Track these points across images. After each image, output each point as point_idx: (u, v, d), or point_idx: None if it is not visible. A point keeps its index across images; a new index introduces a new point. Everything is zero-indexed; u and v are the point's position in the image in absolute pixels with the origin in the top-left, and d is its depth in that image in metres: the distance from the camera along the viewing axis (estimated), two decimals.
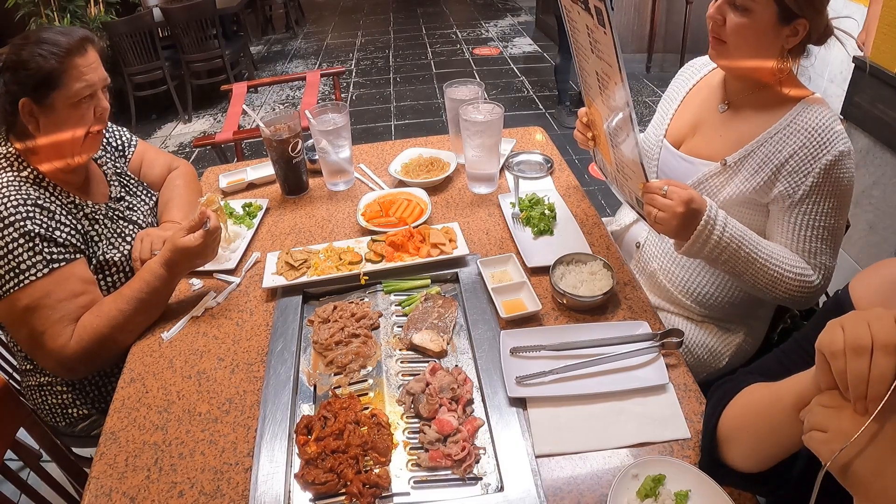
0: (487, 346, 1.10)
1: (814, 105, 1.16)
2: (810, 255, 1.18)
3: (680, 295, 1.37)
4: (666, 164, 1.39)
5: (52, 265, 1.18)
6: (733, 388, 0.83)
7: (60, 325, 1.16)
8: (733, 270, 1.14)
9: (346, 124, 1.56)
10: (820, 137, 1.12)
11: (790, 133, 1.16)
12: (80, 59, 1.19)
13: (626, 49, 5.65)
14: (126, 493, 0.92)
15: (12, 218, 1.15)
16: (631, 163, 1.13)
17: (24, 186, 1.20)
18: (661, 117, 1.44)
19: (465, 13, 8.05)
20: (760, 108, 1.23)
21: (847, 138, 1.13)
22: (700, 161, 1.30)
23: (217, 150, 2.93)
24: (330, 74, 3.44)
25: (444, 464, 0.91)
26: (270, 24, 7.85)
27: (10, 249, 1.14)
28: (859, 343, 0.56)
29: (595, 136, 1.38)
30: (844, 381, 0.57)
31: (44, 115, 1.20)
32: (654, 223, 1.10)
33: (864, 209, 1.93)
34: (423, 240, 1.34)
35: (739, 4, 1.11)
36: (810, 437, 0.62)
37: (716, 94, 1.33)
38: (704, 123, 1.33)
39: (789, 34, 1.12)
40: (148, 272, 1.22)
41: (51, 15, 4.32)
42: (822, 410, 0.61)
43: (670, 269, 1.37)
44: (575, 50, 1.25)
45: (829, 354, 0.58)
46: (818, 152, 1.12)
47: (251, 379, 1.10)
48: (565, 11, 1.18)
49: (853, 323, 0.58)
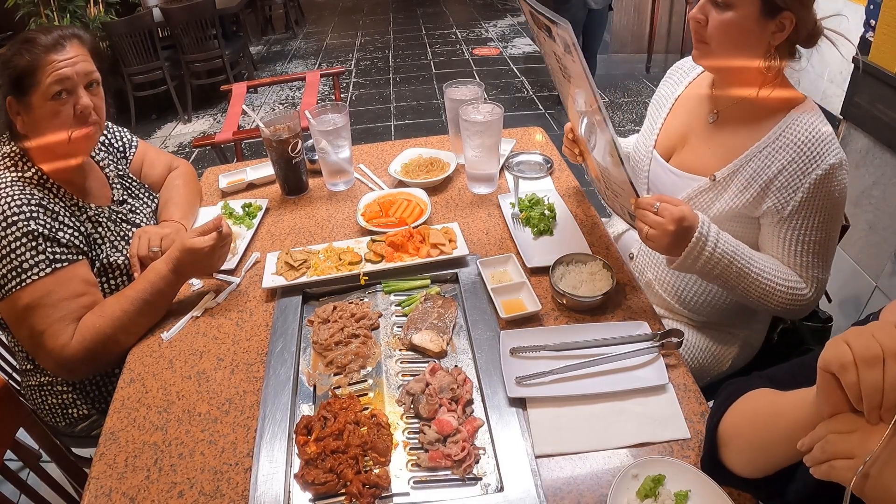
0: (487, 347, 1.10)
1: (804, 115, 1.13)
2: (802, 268, 1.17)
3: (676, 304, 1.37)
4: (656, 176, 1.38)
5: (55, 265, 1.18)
6: (740, 389, 0.82)
7: (61, 324, 1.16)
8: (725, 284, 1.13)
9: (345, 124, 1.56)
10: (809, 151, 1.10)
11: (779, 147, 1.14)
12: (55, 55, 1.18)
13: (626, 49, 5.66)
14: (126, 493, 0.92)
15: (15, 217, 1.15)
16: (620, 180, 1.13)
17: (27, 187, 1.20)
18: (651, 125, 1.42)
19: (465, 13, 8.05)
20: (749, 118, 1.20)
21: (839, 149, 1.11)
22: (689, 176, 1.28)
23: (217, 151, 2.93)
24: (330, 75, 3.44)
25: (443, 464, 0.91)
26: (270, 25, 7.86)
27: (13, 249, 1.14)
28: (871, 353, 0.55)
29: (582, 151, 1.38)
30: (857, 393, 0.56)
31: (26, 114, 1.20)
32: (645, 240, 1.09)
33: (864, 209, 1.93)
34: (423, 240, 1.34)
35: (721, 1, 1.08)
36: (832, 467, 0.59)
37: (705, 103, 1.30)
38: (694, 134, 1.31)
39: (775, 30, 1.09)
40: (153, 273, 1.22)
41: (51, 15, 4.32)
42: (840, 438, 0.59)
43: (665, 279, 1.37)
44: (550, 72, 1.24)
45: (838, 368, 0.57)
46: (808, 167, 1.10)
47: (251, 379, 1.10)
48: (534, 34, 1.18)
49: (857, 336, 0.57)
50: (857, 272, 1.98)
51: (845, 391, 0.58)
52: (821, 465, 0.60)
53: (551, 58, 1.22)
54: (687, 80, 1.38)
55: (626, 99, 4.82)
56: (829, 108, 4.61)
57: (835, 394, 0.59)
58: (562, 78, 1.24)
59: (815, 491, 0.70)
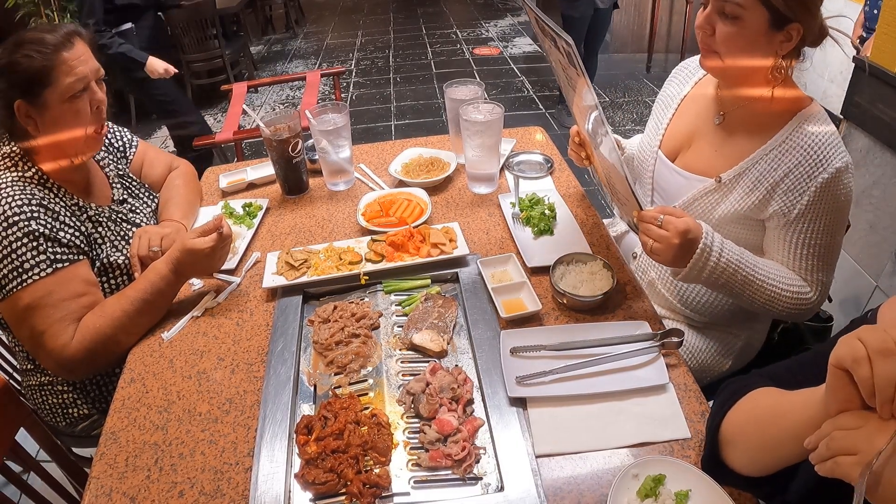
0: (487, 346, 1.10)
1: (811, 119, 1.13)
2: (806, 271, 1.17)
3: (679, 304, 1.36)
4: (661, 176, 1.37)
5: (56, 265, 1.18)
6: (741, 388, 0.82)
7: (62, 324, 1.16)
8: (731, 292, 1.13)
9: (346, 124, 1.56)
10: (816, 155, 1.10)
11: (786, 150, 1.13)
12: (67, 54, 1.18)
13: (626, 49, 5.66)
14: (126, 492, 0.92)
15: (16, 217, 1.15)
16: (623, 191, 1.12)
17: (28, 186, 1.20)
18: (656, 125, 1.41)
19: (465, 13, 8.05)
20: (756, 121, 1.20)
21: (845, 153, 1.10)
22: (695, 176, 1.28)
23: (217, 150, 2.93)
24: (330, 74, 3.44)
25: (444, 464, 0.91)
26: (270, 24, 7.85)
27: (14, 249, 1.14)
28: (885, 346, 0.55)
29: (589, 155, 1.38)
30: (870, 387, 0.56)
31: (40, 115, 1.19)
32: (650, 253, 1.08)
33: (864, 209, 1.93)
34: (424, 240, 1.34)
35: (729, 13, 1.07)
36: (837, 463, 0.59)
37: (711, 104, 1.30)
38: (700, 136, 1.30)
39: (783, 39, 1.08)
40: (153, 273, 1.22)
41: (51, 15, 4.32)
42: (845, 434, 0.59)
43: (668, 279, 1.37)
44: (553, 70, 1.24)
45: (851, 363, 0.57)
46: (814, 171, 1.10)
47: (251, 379, 1.10)
48: (539, 39, 1.18)
49: (870, 332, 0.57)
50: (857, 272, 1.98)
51: (856, 388, 0.58)
52: (825, 462, 0.60)
53: (556, 64, 1.22)
54: (693, 80, 1.37)
55: (627, 99, 4.82)
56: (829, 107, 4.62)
57: (845, 390, 0.59)
58: (565, 81, 1.23)
59: (817, 488, 0.70)
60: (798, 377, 0.79)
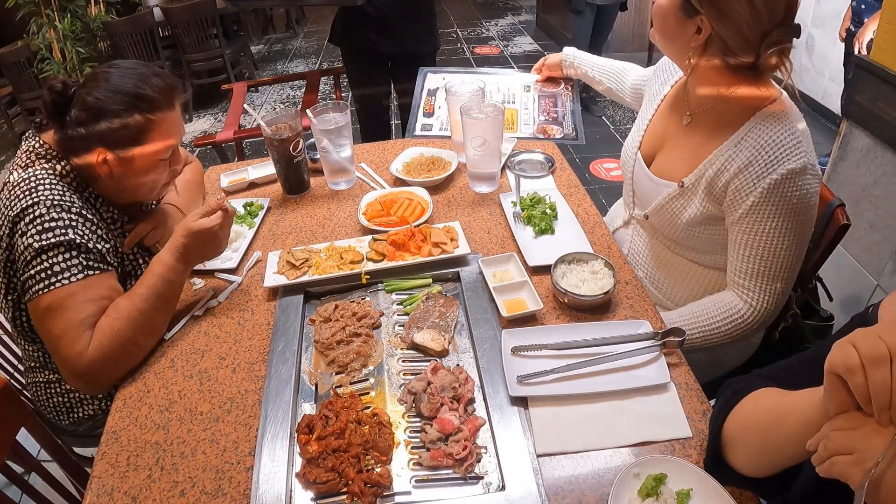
0: (489, 346, 1.10)
1: (770, 117, 1.11)
2: (747, 275, 1.15)
3: (669, 302, 1.36)
4: (639, 180, 1.37)
5: (87, 272, 1.13)
6: (743, 388, 0.82)
7: (79, 329, 1.09)
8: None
9: (347, 123, 1.56)
10: (768, 155, 1.08)
11: (739, 150, 1.12)
12: (166, 115, 1.17)
13: (627, 47, 5.66)
14: (127, 492, 0.92)
15: (53, 223, 1.11)
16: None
17: (68, 192, 1.16)
18: (639, 125, 1.41)
19: (466, 12, 8.05)
20: (718, 121, 1.18)
21: (804, 154, 1.08)
22: (662, 181, 1.27)
23: (218, 150, 2.93)
24: (331, 73, 3.44)
25: (445, 463, 0.91)
26: (271, 24, 7.86)
27: (49, 255, 1.10)
28: (878, 353, 0.55)
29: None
30: (865, 394, 0.56)
31: (119, 166, 1.17)
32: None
33: (865, 208, 1.93)
34: (425, 239, 1.34)
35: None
36: (833, 463, 0.59)
37: (681, 104, 1.29)
38: (671, 137, 1.30)
39: (694, 31, 1.09)
40: (159, 265, 1.17)
41: (51, 15, 4.32)
42: (840, 435, 0.59)
43: (656, 277, 1.37)
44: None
45: (845, 371, 0.57)
46: (764, 171, 1.08)
47: (252, 378, 1.10)
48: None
49: (864, 337, 0.57)
50: (858, 271, 1.98)
51: (852, 393, 0.58)
52: (823, 463, 0.60)
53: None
54: (673, 80, 1.37)
55: None
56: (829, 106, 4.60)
57: (841, 394, 0.59)
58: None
59: (818, 488, 0.70)
60: (799, 377, 0.79)
